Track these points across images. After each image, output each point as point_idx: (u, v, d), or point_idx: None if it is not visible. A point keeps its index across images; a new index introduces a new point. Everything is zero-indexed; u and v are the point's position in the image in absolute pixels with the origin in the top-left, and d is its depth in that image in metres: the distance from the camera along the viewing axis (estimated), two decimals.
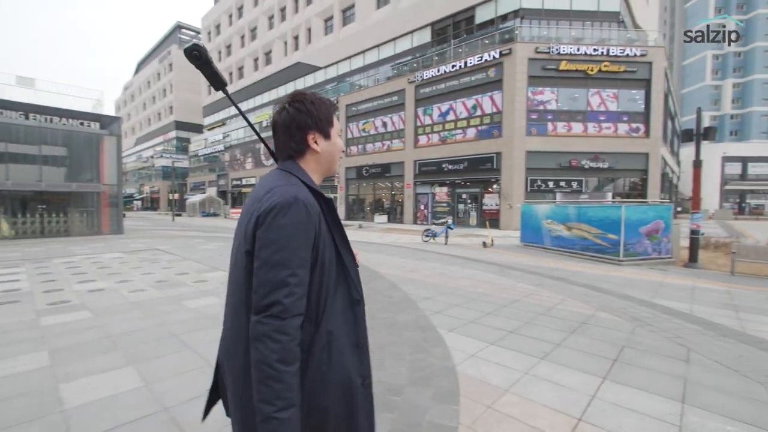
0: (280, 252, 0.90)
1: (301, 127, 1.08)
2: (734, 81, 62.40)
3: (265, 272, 0.90)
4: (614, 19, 23.47)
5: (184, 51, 1.13)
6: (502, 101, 21.62)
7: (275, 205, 0.93)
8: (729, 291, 6.57)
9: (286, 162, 1.09)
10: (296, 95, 1.12)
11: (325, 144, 1.11)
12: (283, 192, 0.95)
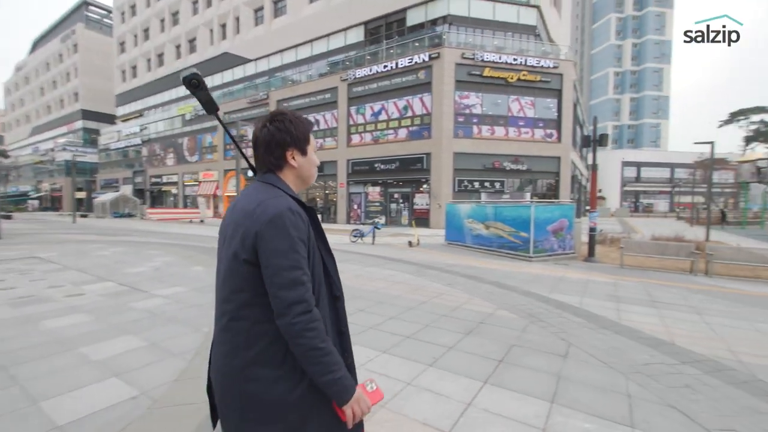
0: (288, 257, 1.00)
1: (281, 144, 1.16)
2: (631, 96, 71.40)
3: (282, 277, 0.99)
4: (531, 32, 25.33)
5: (183, 79, 1.24)
6: (432, 103, 22.21)
7: (274, 216, 1.02)
8: (615, 283, 7.26)
9: (267, 175, 1.17)
10: (277, 114, 1.19)
11: (302, 160, 1.20)
12: (276, 204, 1.05)
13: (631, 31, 70.80)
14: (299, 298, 0.99)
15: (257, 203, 1.06)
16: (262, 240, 1.01)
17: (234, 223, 1.09)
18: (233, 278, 1.06)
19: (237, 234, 1.06)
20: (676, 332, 4.31)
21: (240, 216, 1.08)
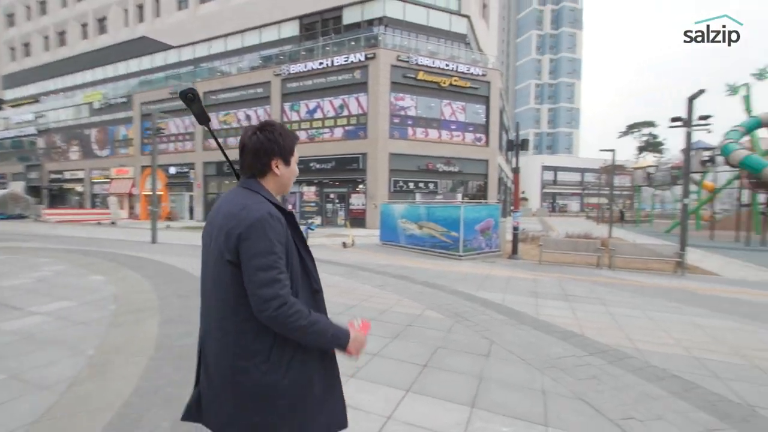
0: (266, 257, 1.08)
1: (268, 154, 1.23)
2: (549, 106, 78.54)
3: (259, 277, 1.07)
4: (462, 40, 26.54)
5: (180, 94, 1.39)
6: (368, 104, 22.18)
7: (256, 220, 1.10)
8: (535, 279, 7.74)
9: (249, 180, 1.25)
10: (267, 124, 1.26)
11: (285, 169, 1.28)
12: (258, 208, 1.13)
13: (549, 47, 77.95)
14: (274, 295, 1.07)
15: (241, 207, 1.14)
16: (244, 241, 1.09)
17: (219, 226, 1.17)
18: (220, 279, 1.14)
19: (221, 236, 1.14)
20: (586, 324, 4.64)
21: (224, 219, 1.16)
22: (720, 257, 12.27)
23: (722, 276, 9.16)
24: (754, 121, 18.33)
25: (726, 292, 6.98)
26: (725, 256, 12.54)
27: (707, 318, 5.09)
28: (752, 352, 3.82)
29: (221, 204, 1.23)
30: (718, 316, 5.18)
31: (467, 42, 26.99)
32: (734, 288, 7.49)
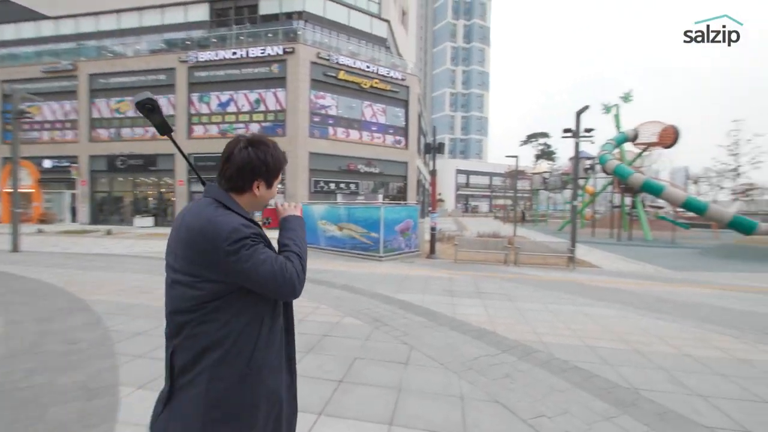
0: (255, 257, 1.06)
1: (254, 173, 1.18)
2: (462, 114, 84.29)
3: (263, 274, 1.06)
4: (382, 44, 26.96)
5: (137, 104, 1.24)
6: (286, 100, 21.23)
7: (230, 232, 1.05)
8: (450, 278, 8.01)
9: (221, 193, 1.18)
10: (262, 140, 1.22)
11: (265, 191, 1.23)
12: (228, 221, 1.07)
13: (462, 59, 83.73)
14: (291, 282, 1.10)
15: (207, 220, 1.07)
16: (232, 256, 1.04)
17: (184, 242, 1.10)
18: (192, 293, 1.07)
19: (189, 252, 1.08)
20: (497, 321, 4.84)
21: (189, 234, 1.09)
22: (600, 251, 14.22)
23: (603, 268, 10.56)
24: (622, 137, 21.75)
25: (607, 283, 8.00)
26: (603, 251, 14.57)
27: (595, 307, 5.71)
28: (632, 337, 4.32)
29: (184, 216, 1.14)
30: (604, 305, 5.85)
31: (387, 46, 27.49)
32: (613, 279, 8.65)
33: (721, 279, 9.11)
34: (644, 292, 7.09)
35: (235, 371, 1.07)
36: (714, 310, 5.69)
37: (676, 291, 7.31)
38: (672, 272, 10.05)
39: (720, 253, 13.20)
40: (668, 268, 10.68)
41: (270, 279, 1.07)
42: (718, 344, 4.17)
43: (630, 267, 10.92)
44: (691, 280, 8.79)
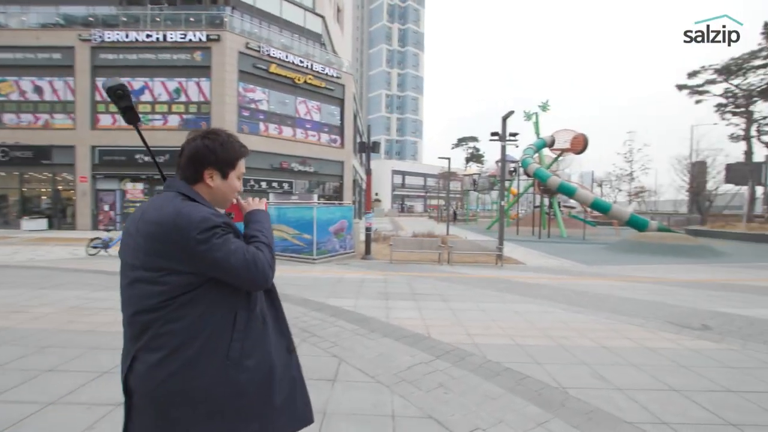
0: (226, 246, 1.05)
1: (202, 162, 1.16)
2: (397, 116, 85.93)
3: (235, 263, 1.05)
4: (317, 40, 26.25)
5: (107, 90, 1.27)
6: (211, 91, 19.61)
7: (200, 222, 1.03)
8: (385, 279, 7.85)
9: (180, 183, 1.16)
10: (212, 132, 1.21)
11: (221, 183, 1.20)
12: (197, 211, 1.06)
13: (397, 62, 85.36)
14: (263, 271, 1.10)
15: (175, 212, 1.05)
16: (198, 246, 1.02)
17: (150, 236, 1.05)
18: (157, 288, 1.04)
19: (157, 246, 1.04)
20: (431, 323, 4.73)
21: (156, 227, 1.05)
22: (523, 249, 15.20)
23: (527, 264, 11.23)
24: (541, 142, 23.65)
25: (531, 279, 8.45)
26: (526, 248, 15.62)
27: (522, 304, 5.91)
28: (556, 332, 4.48)
29: (146, 210, 1.11)
30: (529, 301, 6.09)
31: (322, 42, 26.84)
32: (536, 275, 9.18)
33: (624, 271, 10.17)
34: (563, 286, 7.57)
35: (214, 366, 1.05)
36: (621, 302, 6.21)
37: (589, 284, 7.94)
38: (585, 266, 11.02)
39: (622, 247, 14.87)
40: (582, 263, 11.70)
41: (242, 268, 1.06)
42: (628, 334, 4.48)
43: (550, 262, 11.76)
44: (600, 274, 9.68)
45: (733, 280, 8.84)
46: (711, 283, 8.39)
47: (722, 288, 7.70)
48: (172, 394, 1.02)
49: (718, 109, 26.65)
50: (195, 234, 1.01)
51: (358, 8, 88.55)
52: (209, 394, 1.04)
